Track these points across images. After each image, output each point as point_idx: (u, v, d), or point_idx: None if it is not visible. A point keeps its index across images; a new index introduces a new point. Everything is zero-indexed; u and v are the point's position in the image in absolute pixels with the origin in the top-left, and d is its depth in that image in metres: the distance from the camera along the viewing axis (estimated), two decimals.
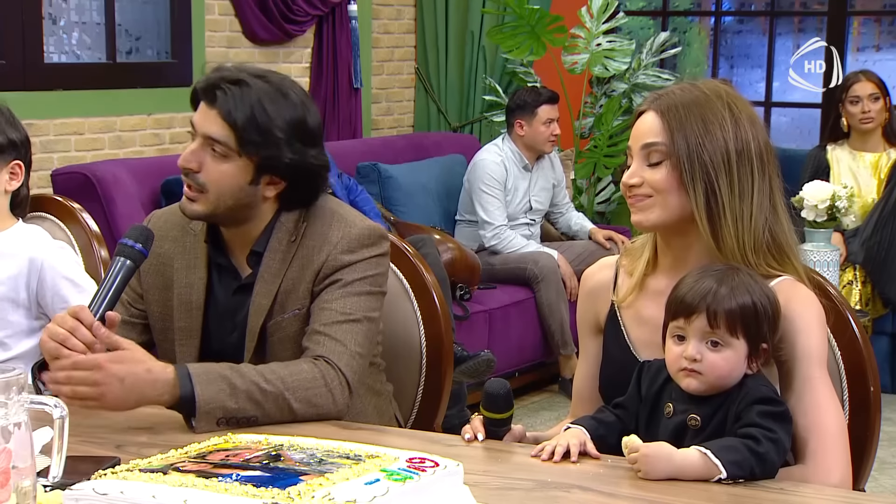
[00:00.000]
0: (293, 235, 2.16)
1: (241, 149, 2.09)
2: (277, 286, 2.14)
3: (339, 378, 2.04)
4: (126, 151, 4.96)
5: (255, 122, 2.08)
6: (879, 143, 5.35)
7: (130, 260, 2.01)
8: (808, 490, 1.68)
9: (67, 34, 4.99)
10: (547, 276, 5.20)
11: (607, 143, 6.06)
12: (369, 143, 5.82)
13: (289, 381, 1.99)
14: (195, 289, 2.20)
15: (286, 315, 2.13)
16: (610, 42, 6.17)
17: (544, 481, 1.67)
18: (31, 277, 2.53)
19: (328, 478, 1.41)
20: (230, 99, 2.09)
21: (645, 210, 1.89)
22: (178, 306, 2.20)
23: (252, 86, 2.10)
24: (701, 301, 1.75)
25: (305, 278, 2.13)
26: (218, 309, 2.20)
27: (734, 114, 1.88)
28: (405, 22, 6.53)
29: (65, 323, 1.94)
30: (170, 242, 2.24)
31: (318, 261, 2.13)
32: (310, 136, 2.14)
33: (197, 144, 2.12)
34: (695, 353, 1.74)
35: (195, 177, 2.11)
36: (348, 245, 2.14)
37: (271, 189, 2.15)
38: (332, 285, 2.13)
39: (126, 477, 1.45)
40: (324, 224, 2.16)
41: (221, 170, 2.10)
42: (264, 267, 2.15)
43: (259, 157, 2.10)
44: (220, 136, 2.09)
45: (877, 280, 5.19)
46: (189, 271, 2.20)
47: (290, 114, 2.11)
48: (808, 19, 8.08)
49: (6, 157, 2.55)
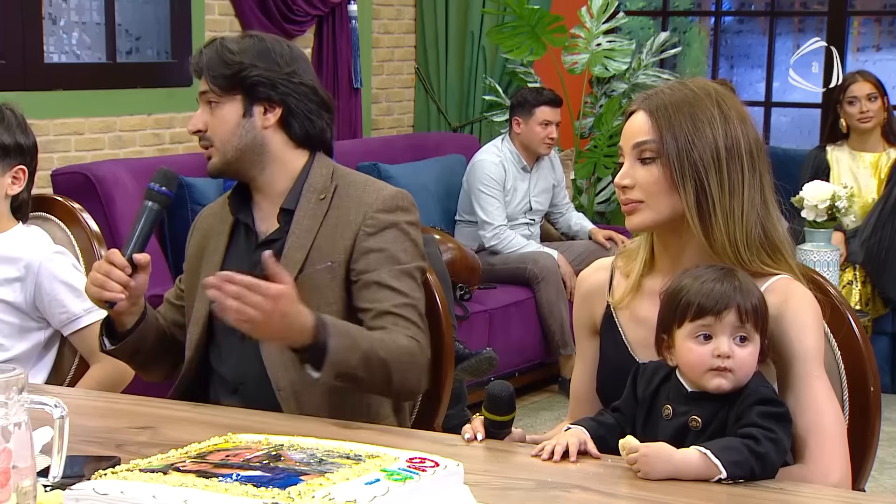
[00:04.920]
0: (322, 194, 2.24)
1: (216, 86, 2.22)
2: (311, 242, 2.21)
3: (426, 362, 2.18)
4: (126, 151, 4.96)
5: (220, 59, 2.22)
6: (879, 143, 5.35)
7: (156, 202, 2.16)
8: (807, 490, 1.68)
9: (67, 34, 4.99)
10: (547, 276, 5.20)
11: (607, 143, 6.06)
12: (369, 143, 5.83)
13: (395, 354, 2.10)
14: (219, 247, 2.29)
15: (318, 267, 2.19)
16: (610, 42, 6.17)
17: (544, 481, 1.67)
18: (29, 281, 2.53)
19: (328, 478, 1.41)
20: (202, 56, 2.26)
21: (636, 214, 1.90)
22: (205, 265, 2.29)
23: (218, 39, 2.28)
24: (731, 297, 1.75)
25: (342, 235, 2.21)
26: (237, 264, 2.25)
27: (723, 111, 1.88)
28: (405, 22, 6.53)
29: (100, 268, 2.12)
30: (212, 217, 2.36)
31: (355, 220, 2.21)
32: (281, 59, 2.24)
33: (199, 109, 2.27)
34: (728, 349, 1.74)
35: (204, 136, 2.25)
36: (383, 204, 2.22)
37: (269, 117, 2.24)
38: (381, 255, 2.19)
39: (126, 477, 1.45)
40: (357, 188, 2.25)
41: (218, 116, 2.24)
42: (295, 223, 2.23)
43: (238, 87, 2.22)
44: (204, 87, 2.25)
45: (877, 280, 5.19)
46: (219, 236, 2.31)
47: (253, 45, 2.25)
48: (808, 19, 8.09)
49: (11, 161, 2.56)
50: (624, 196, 1.91)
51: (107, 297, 2.11)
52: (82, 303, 2.54)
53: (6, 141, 2.54)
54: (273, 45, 2.25)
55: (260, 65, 2.22)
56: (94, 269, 2.13)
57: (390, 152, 5.70)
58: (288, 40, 2.33)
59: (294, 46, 2.30)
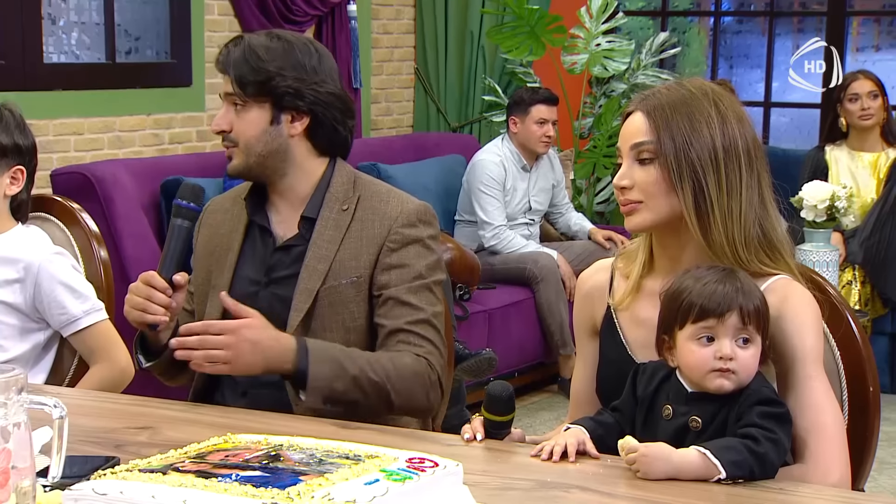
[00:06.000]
0: (345, 204, 2.24)
1: (244, 92, 2.20)
2: (334, 253, 2.21)
3: (435, 379, 2.18)
4: (125, 151, 4.96)
5: (248, 64, 2.20)
6: (878, 142, 5.36)
7: (185, 219, 2.14)
8: (807, 490, 1.68)
9: (67, 34, 4.99)
10: (546, 277, 5.20)
11: (606, 144, 6.06)
12: (369, 144, 5.82)
13: (393, 375, 2.12)
14: (232, 248, 2.28)
15: (343, 282, 2.19)
16: (609, 42, 6.17)
17: (544, 481, 1.67)
18: (28, 282, 2.52)
19: (328, 478, 1.41)
20: (229, 55, 2.24)
21: (635, 215, 1.90)
22: (216, 266, 2.28)
23: (245, 38, 2.25)
24: (734, 299, 1.75)
25: (366, 250, 2.21)
26: (252, 266, 2.26)
27: (721, 111, 1.88)
28: (404, 22, 6.53)
29: (140, 292, 2.08)
30: (222, 213, 2.35)
31: (379, 234, 2.21)
32: (310, 66, 2.22)
33: (223, 108, 2.26)
34: (731, 351, 1.74)
35: (228, 136, 2.24)
36: (407, 219, 2.22)
37: (296, 126, 2.23)
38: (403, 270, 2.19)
39: (125, 477, 1.45)
40: (380, 200, 2.25)
41: (244, 119, 2.22)
42: (317, 233, 2.22)
43: (267, 95, 2.21)
44: (229, 89, 2.23)
45: (876, 280, 5.19)
46: (232, 235, 2.29)
47: (283, 51, 2.22)
48: (807, 19, 8.08)
49: (9, 161, 2.55)
50: (623, 197, 1.91)
51: (150, 320, 2.08)
52: (81, 304, 2.54)
53: (4, 141, 2.53)
54: (301, 52, 2.22)
55: (289, 74, 2.20)
56: (132, 291, 2.09)
57: (390, 152, 5.69)
58: (312, 39, 2.32)
59: (320, 47, 2.28)
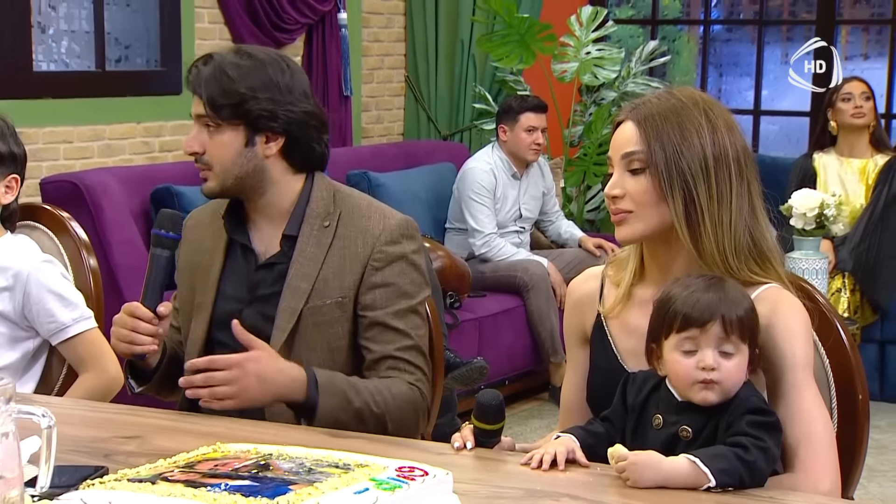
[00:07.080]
0: (326, 220, 2.22)
1: (216, 114, 2.17)
2: (317, 271, 2.19)
3: (425, 407, 2.21)
4: (115, 160, 4.95)
5: (220, 87, 2.17)
6: (866, 149, 5.39)
7: (165, 249, 2.11)
8: (797, 498, 1.68)
9: (56, 42, 4.98)
10: (537, 284, 5.20)
11: (597, 152, 6.07)
12: (359, 152, 5.82)
13: (392, 406, 2.14)
14: (214, 266, 2.26)
15: (327, 301, 2.18)
16: (599, 50, 6.18)
17: (533, 489, 1.67)
18: (17, 290, 2.52)
19: (317, 487, 1.41)
20: (199, 75, 2.20)
21: (626, 225, 1.90)
22: (199, 284, 2.27)
23: (215, 57, 2.21)
24: (716, 309, 1.74)
25: (351, 269, 2.19)
26: (235, 284, 2.25)
27: (711, 120, 1.88)
28: (395, 30, 6.54)
29: (125, 324, 2.08)
30: (201, 228, 2.33)
31: (363, 253, 2.20)
32: (283, 87, 2.19)
33: (194, 129, 2.22)
34: (713, 361, 1.74)
35: (201, 158, 2.21)
36: (390, 236, 2.21)
37: (272, 147, 2.20)
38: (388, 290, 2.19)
39: (114, 487, 1.45)
40: (362, 216, 2.23)
41: (217, 142, 2.19)
42: (298, 251, 2.21)
43: (241, 118, 2.17)
44: (201, 111, 2.19)
45: (866, 286, 5.20)
46: (213, 252, 2.27)
47: (254, 70, 2.19)
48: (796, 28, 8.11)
49: (5, 170, 2.55)
50: (614, 206, 1.91)
51: (137, 351, 2.09)
52: (70, 312, 2.53)
53: (1, 149, 2.53)
54: (273, 70, 2.19)
55: (262, 95, 2.17)
56: (117, 323, 2.09)
57: (380, 160, 5.69)
58: (281, 52, 2.31)
59: (291, 63, 2.26)
